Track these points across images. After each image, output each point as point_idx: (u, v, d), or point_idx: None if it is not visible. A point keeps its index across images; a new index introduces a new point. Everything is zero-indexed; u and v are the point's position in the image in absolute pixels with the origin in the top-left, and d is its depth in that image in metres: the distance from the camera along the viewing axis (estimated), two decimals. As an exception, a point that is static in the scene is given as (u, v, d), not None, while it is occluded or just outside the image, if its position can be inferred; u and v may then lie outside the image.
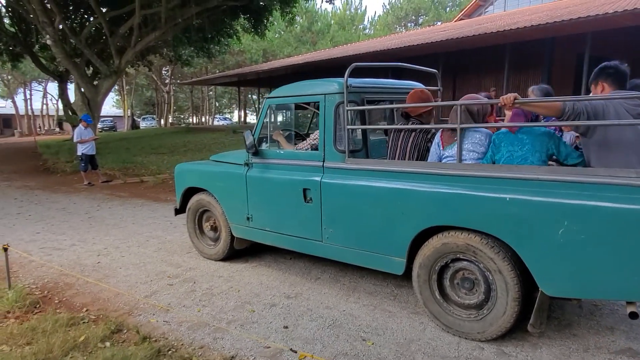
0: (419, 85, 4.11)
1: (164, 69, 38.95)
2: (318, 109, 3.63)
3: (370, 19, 53.80)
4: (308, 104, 4.20)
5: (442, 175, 2.95)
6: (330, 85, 3.56)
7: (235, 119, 49.12)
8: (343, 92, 3.38)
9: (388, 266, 3.30)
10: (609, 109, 2.55)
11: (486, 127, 3.11)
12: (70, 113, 18.12)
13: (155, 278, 4.27)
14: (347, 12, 40.69)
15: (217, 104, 47.92)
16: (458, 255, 2.94)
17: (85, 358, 2.82)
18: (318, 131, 3.70)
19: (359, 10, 48.37)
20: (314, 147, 3.79)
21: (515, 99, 2.62)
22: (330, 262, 4.45)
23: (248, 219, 4.15)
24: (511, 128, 2.93)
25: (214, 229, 4.66)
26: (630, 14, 9.97)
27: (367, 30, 48.27)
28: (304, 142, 4.01)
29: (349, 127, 3.45)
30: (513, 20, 14.45)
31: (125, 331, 3.23)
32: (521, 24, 12.21)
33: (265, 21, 15.72)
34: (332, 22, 42.97)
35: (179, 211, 4.97)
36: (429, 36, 16.70)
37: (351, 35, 42.90)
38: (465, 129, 3.03)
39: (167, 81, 40.59)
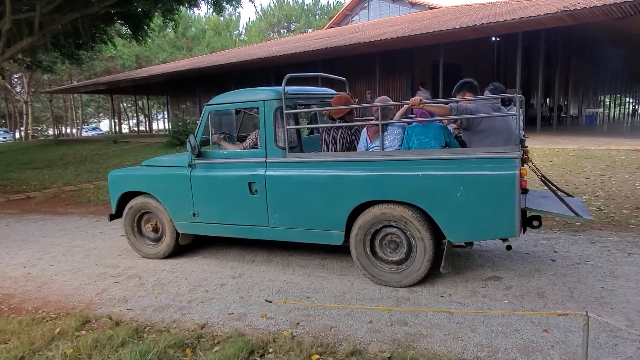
0: (332, 91, 4.99)
1: (14, 75, 34.87)
2: (257, 113, 4.27)
3: (244, 25, 54.16)
4: (248, 109, 4.79)
5: (371, 161, 3.81)
6: (268, 93, 4.23)
7: (106, 128, 45.89)
8: (280, 99, 4.09)
9: (329, 239, 4.05)
10: (480, 108, 3.72)
11: (400, 122, 4.04)
12: None
13: (98, 279, 4.50)
14: (221, 18, 40.70)
15: (82, 114, 44.20)
16: (391, 223, 3.80)
17: (71, 344, 3.12)
18: (256, 132, 4.34)
19: (233, 17, 48.70)
20: (255, 146, 4.42)
21: (420, 101, 3.67)
22: (260, 246, 5.13)
23: (194, 215, 4.61)
24: (420, 122, 3.93)
25: (155, 229, 4.99)
26: (472, 29, 12.16)
27: (242, 37, 48.76)
28: (245, 142, 4.59)
29: (288, 127, 4.16)
30: (380, 31, 16.30)
31: (94, 321, 3.54)
32: (388, 35, 13.96)
33: (146, 27, 15.40)
34: (207, 27, 42.59)
35: (114, 216, 5.16)
36: (308, 44, 17.93)
37: (227, 41, 43.04)
38: (386, 124, 3.92)
39: (18, 89, 36.36)
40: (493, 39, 17.54)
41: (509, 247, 3.65)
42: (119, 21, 15.98)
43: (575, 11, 10.45)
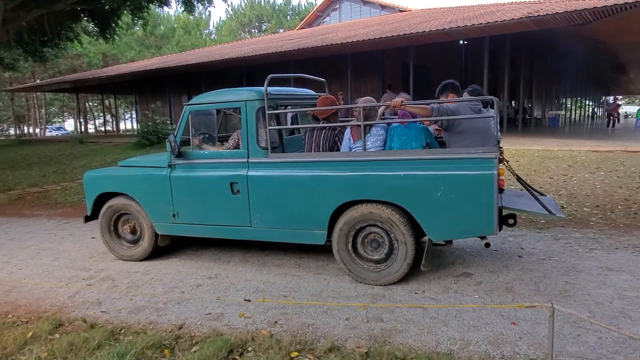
0: (312, 92, 5.07)
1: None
2: (239, 113, 4.27)
3: (215, 24, 53.56)
4: (229, 109, 4.77)
5: (354, 161, 3.84)
6: (250, 93, 4.24)
7: (71, 128, 44.48)
8: (262, 99, 4.10)
9: (312, 238, 4.08)
10: (460, 109, 3.82)
11: (383, 123, 4.09)
12: None
13: (70, 282, 4.41)
14: (192, 17, 40.11)
15: (45, 113, 42.71)
16: (375, 223, 3.87)
17: (45, 347, 3.06)
18: (238, 132, 4.34)
19: (204, 16, 48.11)
20: (237, 147, 4.42)
21: (402, 102, 3.73)
22: (236, 247, 5.13)
23: (174, 216, 4.56)
24: (402, 122, 3.99)
25: (133, 231, 4.92)
26: (441, 33, 12.45)
27: (213, 36, 48.20)
28: (227, 142, 4.58)
29: (270, 127, 4.16)
30: (352, 32, 16.46)
31: (67, 325, 3.48)
32: (360, 37, 14.12)
33: (114, 25, 15.05)
34: (177, 26, 41.90)
35: (89, 218, 5.06)
36: (281, 44, 17.92)
37: (197, 40, 42.46)
38: (369, 125, 3.97)
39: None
40: (461, 42, 18.02)
41: (487, 245, 3.74)
42: (86, 18, 15.59)
43: (539, 17, 10.85)
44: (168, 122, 16.43)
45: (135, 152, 14.32)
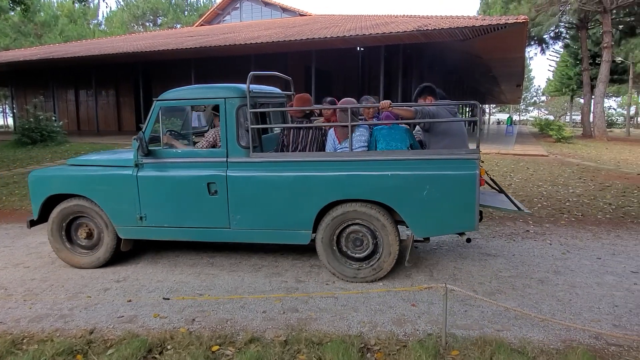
0: (277, 90, 5.09)
1: None
2: (216, 111, 4.16)
3: (105, 14, 49.81)
4: (200, 107, 4.54)
5: (341, 161, 3.91)
6: (230, 90, 4.14)
7: None
8: (242, 97, 4.05)
9: (296, 238, 4.08)
10: (440, 111, 4.08)
11: (368, 124, 4.17)
12: None
13: (-49, 294, 3.97)
14: (77, 5, 36.81)
15: None
16: (361, 221, 3.95)
17: None
18: (214, 130, 4.22)
19: (91, 4, 44.41)
20: (212, 145, 4.27)
21: (390, 104, 3.85)
22: (143, 248, 4.99)
23: (141, 218, 4.28)
24: (387, 124, 4.13)
25: (90, 235, 4.54)
26: (341, 39, 13.07)
27: (102, 27, 44.78)
28: (202, 141, 4.37)
29: (252, 126, 4.06)
30: (254, 33, 16.51)
31: (-45, 339, 3.16)
32: (264, 38, 14.26)
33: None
34: (60, 13, 38.17)
35: (36, 222, 4.58)
36: (180, 40, 17.36)
37: (84, 30, 39.10)
38: (355, 125, 4.01)
39: None
40: (359, 49, 18.99)
41: (468, 240, 3.96)
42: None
43: (427, 31, 11.94)
44: (54, 118, 15.02)
45: (15, 151, 12.94)
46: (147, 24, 45.96)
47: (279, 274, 4.31)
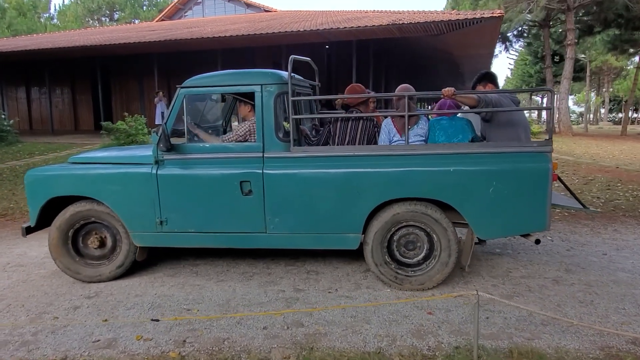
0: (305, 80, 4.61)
1: None
2: (250, 99, 3.68)
3: (57, 8, 47.36)
4: (240, 94, 3.97)
5: (396, 156, 3.49)
6: (268, 76, 3.67)
7: None
8: (280, 84, 3.62)
9: (343, 243, 3.65)
10: (501, 100, 3.68)
11: (426, 113, 3.78)
12: None
13: None
14: (26, -3, 34.76)
15: None
16: (416, 223, 3.54)
17: None
18: (249, 122, 3.74)
19: (42, -3, 41.97)
20: (245, 139, 3.75)
21: (454, 92, 3.41)
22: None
23: (161, 223, 3.74)
24: (448, 114, 3.74)
25: (102, 244, 3.94)
26: (315, 33, 12.69)
27: (54, 20, 42.48)
28: (231, 134, 3.84)
29: (294, 116, 3.60)
30: (220, 28, 15.86)
31: None
32: (232, 32, 13.68)
33: None
34: (8, 6, 35.85)
35: (33, 229, 3.96)
36: (142, 34, 16.49)
37: (35, 24, 36.94)
38: (416, 116, 3.62)
39: None
40: (327, 46, 18.65)
41: (537, 242, 3.57)
42: None
43: (403, 25, 11.75)
44: (3, 117, 13.91)
45: (-40, 152, 11.83)
46: (103, 19, 44.02)
47: (274, 282, 3.89)
